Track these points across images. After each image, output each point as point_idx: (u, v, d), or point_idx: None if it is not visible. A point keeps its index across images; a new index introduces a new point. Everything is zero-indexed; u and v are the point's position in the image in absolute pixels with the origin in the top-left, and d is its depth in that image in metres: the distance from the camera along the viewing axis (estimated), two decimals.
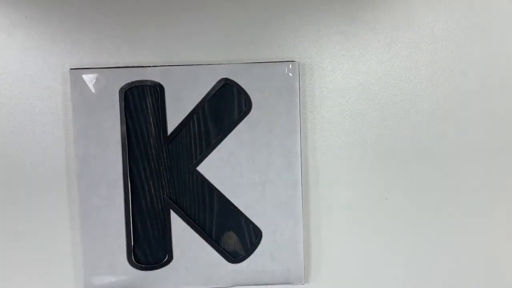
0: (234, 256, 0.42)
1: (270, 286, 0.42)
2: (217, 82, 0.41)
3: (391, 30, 0.42)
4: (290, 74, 0.41)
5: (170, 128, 0.41)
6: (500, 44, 0.42)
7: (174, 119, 0.41)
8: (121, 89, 0.41)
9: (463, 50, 0.42)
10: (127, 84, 0.41)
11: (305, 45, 0.42)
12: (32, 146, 0.42)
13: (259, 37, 0.42)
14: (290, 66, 0.41)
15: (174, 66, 0.41)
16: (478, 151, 0.43)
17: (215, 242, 0.42)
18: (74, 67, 0.41)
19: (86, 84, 0.41)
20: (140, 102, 0.41)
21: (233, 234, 0.42)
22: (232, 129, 0.41)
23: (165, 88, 0.41)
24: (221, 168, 0.41)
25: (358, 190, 0.43)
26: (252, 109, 0.41)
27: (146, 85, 0.41)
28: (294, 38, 0.42)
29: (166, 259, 0.42)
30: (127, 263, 0.42)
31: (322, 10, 0.41)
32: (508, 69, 0.42)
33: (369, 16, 0.42)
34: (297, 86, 0.41)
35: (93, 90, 0.41)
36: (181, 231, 0.42)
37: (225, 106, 0.41)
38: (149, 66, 0.41)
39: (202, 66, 0.41)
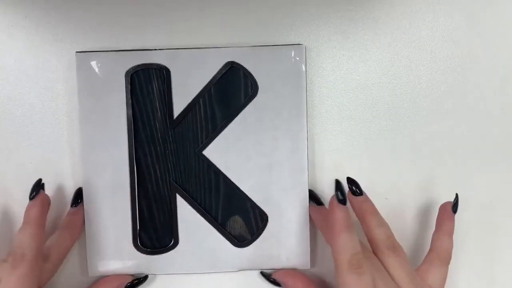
0: (240, 240, 0.42)
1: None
2: (223, 66, 0.41)
3: (391, 30, 0.42)
4: (297, 58, 0.41)
5: (176, 112, 0.41)
6: (500, 43, 0.42)
7: (180, 102, 0.41)
8: (127, 72, 0.41)
9: (463, 50, 0.42)
10: (133, 67, 0.40)
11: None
12: (32, 146, 0.42)
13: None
14: (297, 49, 0.41)
15: (180, 49, 0.41)
16: (478, 151, 0.43)
17: (221, 226, 0.42)
18: (80, 50, 0.41)
19: (92, 68, 0.40)
20: (146, 85, 0.41)
21: (239, 218, 0.42)
22: (239, 113, 0.41)
23: (171, 72, 0.41)
24: (227, 152, 0.41)
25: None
26: (259, 92, 0.41)
27: (152, 68, 0.41)
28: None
29: (172, 243, 0.42)
30: (133, 247, 0.42)
31: None
32: (508, 69, 0.42)
33: (369, 16, 0.41)
34: (304, 69, 0.41)
35: (99, 74, 0.40)
36: (187, 215, 0.42)
37: (232, 90, 0.41)
38: (155, 49, 0.41)
39: (209, 49, 0.41)
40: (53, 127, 0.42)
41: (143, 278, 0.42)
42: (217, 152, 0.41)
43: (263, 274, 0.42)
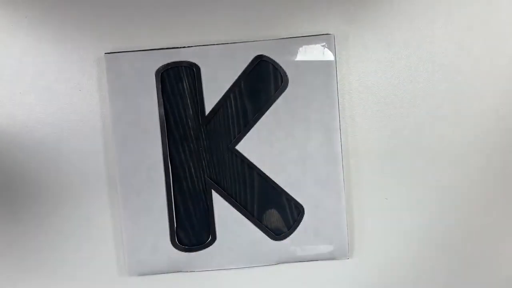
0: (277, 234, 0.42)
1: (314, 262, 0.42)
2: (253, 60, 0.41)
3: (391, 30, 0.41)
4: (326, 47, 0.40)
5: (208, 108, 0.41)
6: (500, 43, 0.42)
7: (211, 99, 0.41)
8: (157, 72, 0.41)
9: (463, 50, 0.42)
10: (162, 66, 0.41)
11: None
12: (32, 145, 0.42)
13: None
14: (326, 39, 0.40)
15: (209, 46, 0.41)
16: (478, 151, 0.42)
17: (257, 220, 0.42)
18: (109, 51, 0.41)
19: (121, 68, 0.41)
20: (177, 83, 0.41)
21: (275, 212, 0.42)
22: (270, 106, 0.41)
23: (201, 68, 0.41)
24: (260, 146, 0.41)
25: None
26: (289, 84, 0.41)
27: (182, 66, 0.41)
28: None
29: (209, 239, 0.42)
30: (171, 245, 0.42)
31: None
32: (508, 69, 0.42)
33: (369, 16, 0.41)
34: (334, 59, 0.41)
35: (129, 74, 0.41)
36: (223, 211, 0.42)
37: (262, 83, 0.41)
38: (184, 47, 0.41)
39: (237, 44, 0.41)
40: (54, 127, 0.42)
41: None
42: (250, 146, 0.41)
43: None
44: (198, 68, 0.41)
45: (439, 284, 0.44)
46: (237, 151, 0.41)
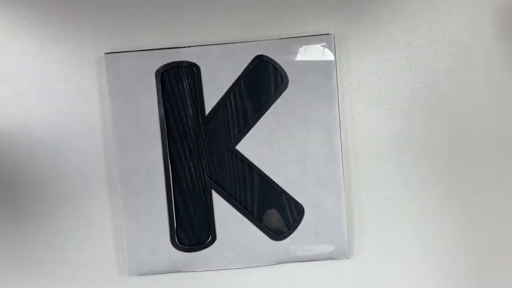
0: (277, 234, 0.42)
1: (314, 262, 0.42)
2: (253, 60, 0.41)
3: (391, 30, 0.41)
4: (326, 47, 0.40)
5: (208, 108, 0.41)
6: (500, 43, 0.42)
7: (211, 99, 0.41)
8: (157, 72, 0.41)
9: (463, 50, 0.42)
10: (162, 66, 0.41)
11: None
12: (33, 146, 0.42)
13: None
14: (325, 39, 0.40)
15: (209, 46, 0.41)
16: (478, 150, 0.42)
17: (257, 220, 0.42)
18: (109, 51, 0.41)
19: (121, 68, 0.41)
20: (177, 83, 0.41)
21: (275, 211, 0.42)
22: (270, 106, 0.41)
23: (201, 68, 0.41)
24: (260, 146, 0.41)
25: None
26: (289, 84, 0.41)
27: (182, 66, 0.41)
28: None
29: (209, 239, 0.42)
30: (171, 245, 0.42)
31: None
32: (508, 69, 0.42)
33: (369, 16, 0.41)
34: (334, 59, 0.41)
35: (128, 74, 0.41)
36: (223, 211, 0.42)
37: (262, 83, 0.41)
38: (184, 47, 0.41)
39: (237, 44, 0.41)
40: (54, 127, 0.42)
41: None
42: (250, 146, 0.41)
43: None
44: (198, 68, 0.41)
45: (439, 284, 0.44)
46: (237, 151, 0.41)
